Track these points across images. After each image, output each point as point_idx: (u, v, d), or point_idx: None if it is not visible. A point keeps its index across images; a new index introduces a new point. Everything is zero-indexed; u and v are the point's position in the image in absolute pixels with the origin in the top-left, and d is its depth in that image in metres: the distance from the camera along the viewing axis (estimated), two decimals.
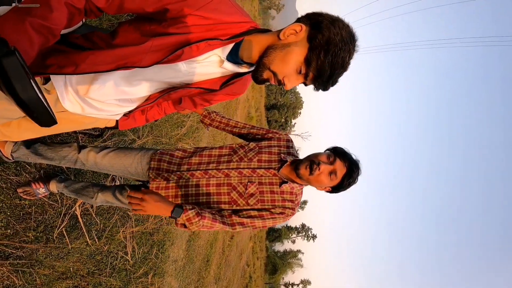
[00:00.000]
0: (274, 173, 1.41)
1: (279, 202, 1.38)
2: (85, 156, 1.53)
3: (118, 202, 1.57)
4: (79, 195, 1.67)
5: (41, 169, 1.83)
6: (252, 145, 1.50)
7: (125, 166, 1.51)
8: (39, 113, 0.57)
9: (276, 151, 1.47)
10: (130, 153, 1.53)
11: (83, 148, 1.56)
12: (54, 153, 1.52)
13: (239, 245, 10.47)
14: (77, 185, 1.70)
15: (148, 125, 3.16)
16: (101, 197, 1.60)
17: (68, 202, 1.98)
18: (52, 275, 1.86)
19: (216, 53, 0.94)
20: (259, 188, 1.38)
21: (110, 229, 2.36)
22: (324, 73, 0.89)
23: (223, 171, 1.41)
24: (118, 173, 1.54)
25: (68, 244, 1.95)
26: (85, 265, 2.10)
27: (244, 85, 1.13)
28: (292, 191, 1.41)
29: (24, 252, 1.70)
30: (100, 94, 0.95)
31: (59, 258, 1.90)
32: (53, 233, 1.86)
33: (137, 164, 1.50)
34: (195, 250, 4.72)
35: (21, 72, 0.51)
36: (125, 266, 2.57)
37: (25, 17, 0.67)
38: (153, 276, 3.05)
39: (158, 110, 1.25)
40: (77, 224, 2.04)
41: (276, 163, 1.43)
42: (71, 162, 1.55)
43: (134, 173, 1.51)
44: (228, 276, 7.79)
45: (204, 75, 1.01)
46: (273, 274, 42.37)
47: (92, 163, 1.52)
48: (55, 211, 1.89)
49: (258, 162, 1.43)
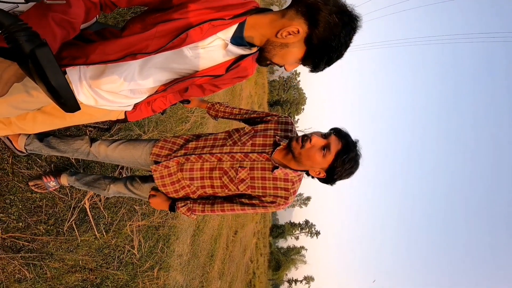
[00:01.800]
0: (267, 157, 1.33)
1: (270, 189, 1.31)
2: (97, 149, 1.57)
3: (130, 192, 1.61)
4: (91, 188, 1.71)
5: (51, 163, 1.87)
6: (247, 129, 1.45)
7: (135, 158, 1.54)
8: (67, 99, 0.61)
9: (271, 134, 1.40)
10: (139, 145, 1.56)
11: (93, 142, 1.60)
12: (66, 146, 1.56)
13: (243, 241, 10.52)
14: (88, 178, 1.74)
15: (153, 120, 3.19)
16: (114, 189, 1.64)
17: (78, 196, 2.01)
18: (62, 268, 1.90)
19: (219, 36, 0.95)
20: (250, 173, 1.33)
21: (118, 223, 2.40)
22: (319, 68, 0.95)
23: (216, 155, 1.39)
24: (129, 164, 1.57)
25: (77, 238, 1.99)
26: (93, 258, 2.14)
27: (251, 66, 1.11)
28: (287, 177, 1.32)
29: (36, 245, 1.74)
30: (112, 86, 0.98)
31: (68, 251, 1.94)
32: (63, 226, 1.90)
33: (146, 156, 1.53)
34: (199, 245, 4.76)
35: (53, 61, 0.56)
36: (131, 259, 2.61)
37: (47, 12, 0.70)
38: (159, 270, 3.09)
39: (163, 100, 1.26)
40: (86, 218, 2.08)
41: (270, 147, 1.36)
42: (84, 154, 1.59)
43: (144, 164, 1.55)
44: (232, 271, 7.84)
45: (210, 60, 1.03)
46: (276, 270, 42.57)
47: (104, 156, 1.56)
48: (65, 204, 1.93)
49: (251, 146, 1.38)
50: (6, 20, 0.55)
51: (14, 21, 0.55)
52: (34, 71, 0.57)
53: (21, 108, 1.00)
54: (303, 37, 0.90)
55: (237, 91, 9.50)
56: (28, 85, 0.93)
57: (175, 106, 3.77)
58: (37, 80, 0.59)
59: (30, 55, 0.55)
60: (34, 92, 0.95)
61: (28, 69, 0.58)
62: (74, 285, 1.99)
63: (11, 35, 0.55)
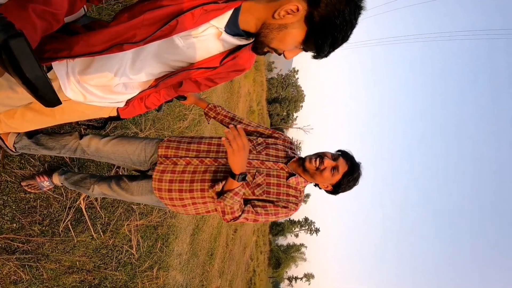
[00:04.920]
0: (282, 166, 1.46)
1: (284, 195, 1.41)
2: (87, 142, 1.51)
3: (114, 194, 1.54)
4: (77, 187, 1.66)
5: (45, 162, 1.83)
6: (260, 140, 1.54)
7: (128, 153, 1.49)
8: (44, 92, 0.58)
9: (282, 149, 1.53)
10: (134, 141, 1.53)
11: (84, 136, 1.55)
12: (54, 142, 1.51)
13: (243, 239, 10.51)
14: (76, 177, 1.68)
15: (150, 118, 3.15)
16: (97, 189, 1.58)
17: (73, 196, 1.98)
18: (59, 270, 1.86)
19: (213, 24, 0.89)
20: (266, 179, 1.41)
21: (115, 223, 2.37)
22: (322, 52, 0.88)
23: None
24: (119, 160, 1.52)
25: (73, 238, 1.95)
26: (91, 259, 2.10)
27: (248, 58, 1.06)
28: (297, 186, 1.45)
29: (31, 246, 1.70)
30: (101, 81, 0.93)
31: (65, 252, 1.90)
32: (58, 227, 1.86)
33: (140, 151, 1.48)
34: (199, 244, 4.74)
35: (28, 52, 0.54)
36: (130, 259, 2.58)
37: (27, 4, 0.66)
38: (158, 270, 3.06)
39: (157, 96, 1.19)
40: (82, 218, 2.04)
41: (284, 158, 1.49)
42: (71, 150, 1.53)
43: (136, 161, 1.50)
44: (232, 269, 7.83)
45: (203, 51, 0.97)
46: (276, 268, 42.66)
47: (94, 150, 1.50)
48: (60, 205, 1.89)
49: (266, 155, 1.47)
50: None
51: None
52: (8, 63, 0.54)
53: (6, 105, 0.95)
54: (303, 16, 0.83)
55: (235, 89, 9.44)
56: (11, 80, 0.89)
57: (171, 103, 3.73)
58: (11, 73, 0.56)
59: (2, 46, 0.52)
60: (18, 88, 0.90)
61: (2, 61, 0.55)
62: (71, 286, 1.95)
63: None
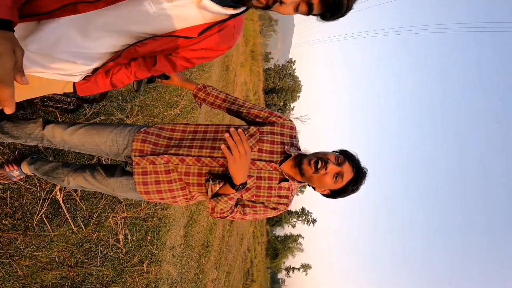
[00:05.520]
0: (275, 167, 1.26)
1: (275, 197, 1.27)
2: (51, 133, 1.33)
3: (92, 186, 1.37)
4: (50, 178, 1.48)
5: (15, 150, 1.65)
6: (252, 130, 1.28)
7: (98, 145, 1.30)
8: None
9: (279, 141, 1.29)
10: (104, 130, 1.31)
11: (48, 124, 1.35)
12: (19, 131, 1.33)
13: (240, 230, 10.43)
14: (47, 167, 1.50)
15: (138, 104, 2.96)
16: (73, 182, 1.40)
17: (48, 186, 1.81)
18: (35, 266, 1.71)
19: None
20: (256, 183, 1.24)
21: (98, 215, 2.21)
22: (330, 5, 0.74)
23: (218, 160, 1.20)
24: (90, 152, 1.35)
25: (50, 232, 1.79)
26: (72, 254, 1.95)
27: (231, 34, 0.91)
28: (290, 187, 1.30)
29: (1, 242, 1.54)
30: (42, 47, 0.77)
31: (41, 248, 1.74)
32: (32, 220, 1.70)
33: (111, 143, 1.29)
34: (193, 236, 4.61)
35: None
36: (117, 254, 2.43)
37: None
38: (149, 264, 2.93)
39: (126, 72, 0.99)
40: (60, 210, 1.88)
41: (279, 155, 1.26)
42: (37, 139, 1.36)
43: (109, 153, 1.31)
44: (229, 261, 7.76)
45: (179, 20, 0.82)
46: (274, 258, 42.96)
47: (60, 140, 1.33)
48: (33, 196, 1.73)
49: (258, 152, 1.25)
50: None
51: None
52: None
53: None
54: None
55: (231, 78, 9.22)
56: None
57: (159, 87, 3.53)
58: None
59: None
60: None
61: None
62: (52, 283, 1.80)
63: None
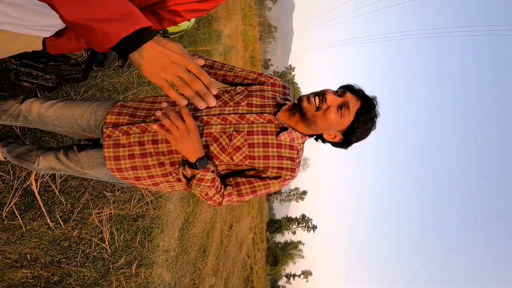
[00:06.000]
0: (269, 118, 1.07)
1: (274, 159, 1.04)
2: (28, 107, 1.20)
3: (63, 167, 1.20)
4: (21, 161, 1.32)
5: None
6: (239, 89, 1.16)
7: (75, 118, 1.16)
8: None
9: (270, 95, 1.14)
10: (83, 103, 1.20)
11: (27, 99, 1.23)
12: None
13: (239, 236, 10.19)
14: (21, 149, 1.34)
15: (130, 96, 2.79)
16: (44, 162, 1.24)
17: (23, 174, 1.63)
18: (2, 262, 1.52)
19: None
20: (248, 139, 1.04)
21: (80, 211, 2.02)
22: None
23: (202, 118, 1.06)
24: (66, 127, 1.19)
25: (21, 226, 1.60)
26: (46, 252, 1.76)
27: None
28: (293, 144, 1.08)
29: None
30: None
31: (10, 242, 1.56)
32: (1, 211, 1.52)
33: (89, 115, 1.15)
34: (189, 239, 4.41)
35: None
36: (101, 255, 2.23)
37: None
38: (139, 267, 2.72)
39: None
40: (35, 202, 1.70)
41: (271, 107, 1.10)
42: (13, 117, 1.23)
43: (86, 127, 1.16)
44: (228, 267, 7.52)
45: None
46: (274, 265, 42.41)
47: (35, 115, 1.19)
48: (5, 184, 1.55)
49: (247, 107, 1.09)
50: None
51: None
52: None
53: None
54: None
55: None
56: None
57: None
58: None
59: None
60: None
61: None
62: (21, 282, 1.61)
63: None
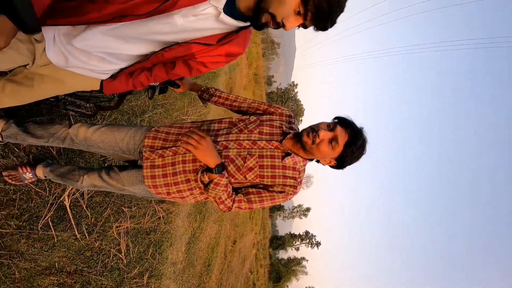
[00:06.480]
0: (276, 145, 1.30)
1: (280, 178, 1.26)
2: (75, 131, 1.42)
3: (105, 184, 1.42)
4: (65, 179, 1.54)
5: (30, 153, 1.71)
6: (252, 118, 1.39)
7: (116, 142, 1.38)
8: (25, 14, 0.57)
9: (277, 125, 1.38)
10: (123, 128, 1.43)
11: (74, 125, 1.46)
12: (43, 131, 1.41)
13: (242, 251, 10.23)
14: (63, 169, 1.57)
15: (146, 119, 3.05)
16: (87, 180, 1.46)
17: (57, 191, 1.84)
18: (34, 269, 1.71)
19: (212, 4, 0.92)
20: (259, 161, 1.26)
21: (102, 224, 2.22)
22: (322, 11, 0.88)
23: (221, 143, 1.29)
24: (108, 149, 1.41)
25: (54, 237, 1.80)
26: (72, 261, 1.95)
27: (242, 42, 1.06)
28: (295, 166, 1.29)
29: (4, 242, 1.56)
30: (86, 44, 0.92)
31: (42, 252, 1.75)
32: (38, 224, 1.72)
33: (129, 139, 1.38)
34: (195, 253, 4.56)
35: None
36: (118, 265, 2.41)
37: None
38: (150, 278, 2.89)
39: (147, 75, 1.13)
40: (66, 216, 1.90)
41: (278, 135, 1.34)
42: (60, 139, 1.43)
43: (126, 150, 1.39)
44: (231, 282, 7.57)
45: (200, 31, 0.98)
46: (277, 282, 41.69)
47: (82, 138, 1.41)
48: (42, 200, 1.76)
49: (259, 134, 1.32)
50: None
51: None
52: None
53: None
54: None
55: None
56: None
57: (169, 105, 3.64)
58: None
59: None
60: None
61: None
62: None
63: None
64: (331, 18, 0.90)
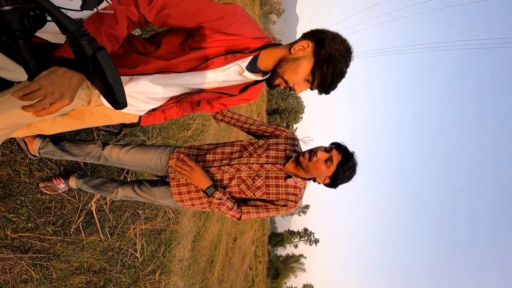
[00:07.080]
0: (280, 168, 1.54)
1: (283, 195, 1.52)
2: (109, 152, 1.65)
3: (137, 196, 1.67)
4: (99, 191, 1.77)
5: (61, 166, 1.92)
6: (261, 142, 1.63)
7: (145, 162, 1.62)
8: (120, 95, 0.69)
9: (282, 148, 1.61)
10: (150, 149, 1.66)
11: (106, 145, 1.68)
12: (79, 150, 1.63)
13: (242, 248, 10.49)
14: (96, 181, 1.80)
15: (157, 127, 3.26)
16: (122, 192, 1.71)
17: (85, 198, 2.07)
18: (68, 270, 1.94)
19: (238, 63, 1.11)
20: (265, 181, 1.52)
21: (122, 226, 2.45)
22: (326, 81, 1.08)
23: (235, 166, 1.54)
24: (138, 168, 1.64)
25: (83, 239, 2.03)
26: (97, 261, 2.18)
27: (256, 92, 1.29)
28: (296, 185, 1.54)
29: (43, 246, 1.78)
30: (133, 91, 1.10)
31: (75, 253, 1.98)
32: (70, 228, 1.94)
33: (156, 160, 1.62)
34: (199, 251, 4.79)
35: (110, 61, 0.65)
36: (134, 263, 2.64)
37: (100, 26, 0.84)
38: (160, 274, 3.12)
39: (176, 110, 1.37)
40: (92, 220, 2.13)
41: (282, 159, 1.57)
42: (95, 158, 1.66)
43: (154, 168, 1.62)
44: (231, 278, 7.82)
45: (226, 82, 1.18)
46: (275, 278, 42.13)
47: (115, 159, 1.64)
48: (72, 207, 1.98)
49: (266, 158, 1.57)
50: (72, 26, 0.63)
51: (78, 27, 0.64)
52: (93, 71, 0.66)
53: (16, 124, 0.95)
54: (311, 51, 1.07)
55: None
56: None
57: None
58: (95, 80, 0.67)
59: (91, 57, 0.64)
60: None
61: (87, 71, 0.67)
62: (78, 287, 2.02)
63: (75, 39, 0.64)
64: (333, 86, 1.11)
